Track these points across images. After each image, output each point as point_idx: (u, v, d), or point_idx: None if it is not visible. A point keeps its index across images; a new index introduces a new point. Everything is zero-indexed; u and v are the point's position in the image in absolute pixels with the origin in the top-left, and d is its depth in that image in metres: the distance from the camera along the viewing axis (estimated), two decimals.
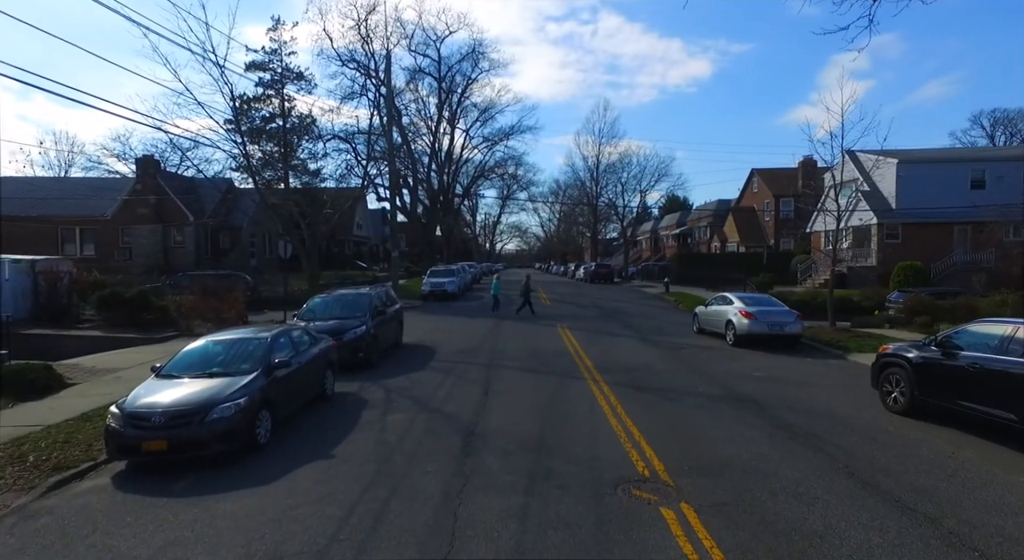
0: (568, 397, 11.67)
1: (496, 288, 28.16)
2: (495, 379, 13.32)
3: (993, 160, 36.96)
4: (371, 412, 10.52)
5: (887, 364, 10.75)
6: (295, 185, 45.70)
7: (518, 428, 9.47)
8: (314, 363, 10.84)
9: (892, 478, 7.38)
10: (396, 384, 12.74)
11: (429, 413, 10.46)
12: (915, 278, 30.59)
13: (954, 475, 7.51)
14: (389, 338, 16.94)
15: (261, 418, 8.41)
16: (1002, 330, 8.78)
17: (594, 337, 19.91)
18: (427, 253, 51.41)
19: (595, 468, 7.68)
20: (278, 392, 9.06)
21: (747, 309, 17.89)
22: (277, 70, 45.91)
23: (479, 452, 8.29)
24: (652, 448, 8.44)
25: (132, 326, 19.08)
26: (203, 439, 7.57)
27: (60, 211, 34.39)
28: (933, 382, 9.69)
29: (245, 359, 9.10)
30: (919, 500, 6.71)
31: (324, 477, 7.36)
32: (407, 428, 9.50)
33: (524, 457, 8.09)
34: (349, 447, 8.56)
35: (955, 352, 9.31)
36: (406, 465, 7.79)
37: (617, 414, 10.24)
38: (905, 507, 6.54)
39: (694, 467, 7.71)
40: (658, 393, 11.81)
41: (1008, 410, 8.25)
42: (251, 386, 8.43)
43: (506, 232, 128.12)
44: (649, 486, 7.11)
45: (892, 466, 7.82)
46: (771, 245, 51.99)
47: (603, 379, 13.09)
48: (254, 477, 7.37)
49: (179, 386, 8.32)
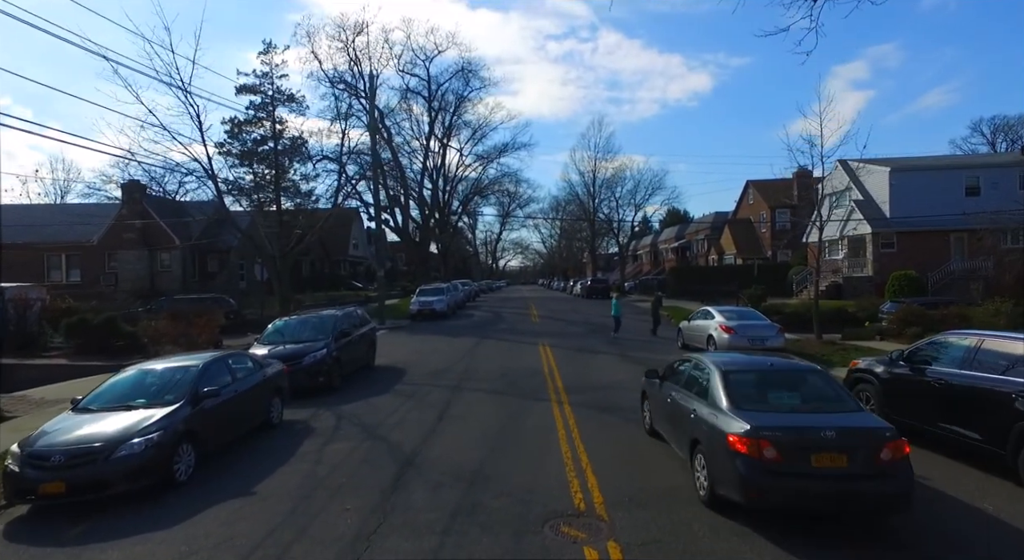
0: (526, 421, 11.16)
1: (616, 309, 25.81)
2: (456, 402, 12.83)
3: (987, 167, 36.53)
4: (314, 441, 10.03)
5: (857, 380, 10.24)
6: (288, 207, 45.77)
7: (461, 456, 8.96)
8: (257, 390, 10.38)
9: None
10: (351, 410, 12.26)
11: (373, 442, 9.97)
12: (910, 287, 29.97)
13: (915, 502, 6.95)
14: (358, 360, 16.48)
15: (181, 453, 7.94)
16: (967, 343, 8.27)
17: (574, 355, 19.39)
18: (421, 271, 51.01)
19: (528, 501, 7.17)
20: (206, 424, 8.60)
21: (727, 323, 17.38)
22: (268, 93, 46.31)
23: (409, 485, 7.79)
24: (596, 477, 7.92)
25: (100, 353, 18.67)
26: (107, 479, 7.09)
27: (46, 237, 34.23)
28: (901, 399, 9.16)
29: (171, 389, 8.65)
30: (870, 538, 6.17)
31: (233, 518, 6.87)
32: (344, 459, 9.00)
33: (456, 490, 7.58)
34: (275, 482, 8.07)
35: (922, 367, 8.79)
36: (326, 501, 7.29)
37: (571, 439, 9.73)
38: (855, 543, 6.01)
39: (635, 497, 7.18)
40: (621, 415, 11.27)
41: (973, 429, 7.71)
42: (171, 419, 7.97)
43: (509, 249, 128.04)
44: (580, 521, 6.60)
45: None
46: (768, 257, 51.43)
47: (568, 400, 12.57)
48: (159, 520, 6.87)
49: (92, 421, 7.86)
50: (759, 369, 7.91)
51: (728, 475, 6.39)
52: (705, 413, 7.20)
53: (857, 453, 6.16)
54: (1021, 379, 7.20)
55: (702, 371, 7.96)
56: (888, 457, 6.13)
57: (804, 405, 7.05)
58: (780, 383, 7.53)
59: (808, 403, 7.07)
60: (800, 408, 7.01)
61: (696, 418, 7.37)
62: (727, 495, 6.49)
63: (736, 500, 6.35)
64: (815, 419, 6.58)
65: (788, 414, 6.84)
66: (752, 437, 6.24)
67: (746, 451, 6.22)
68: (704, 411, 7.25)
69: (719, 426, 6.72)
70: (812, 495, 6.07)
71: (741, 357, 9.11)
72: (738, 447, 6.29)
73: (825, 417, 6.60)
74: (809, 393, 7.25)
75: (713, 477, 6.71)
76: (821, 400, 7.07)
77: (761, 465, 6.14)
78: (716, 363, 7.80)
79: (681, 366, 8.93)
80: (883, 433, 6.29)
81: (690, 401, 7.77)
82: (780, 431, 6.27)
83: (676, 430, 8.28)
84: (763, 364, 8.16)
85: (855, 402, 7.21)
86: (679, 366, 9.03)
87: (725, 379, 7.31)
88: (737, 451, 6.28)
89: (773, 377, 7.70)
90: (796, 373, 7.77)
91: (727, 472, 6.40)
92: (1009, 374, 7.37)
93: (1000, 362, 7.61)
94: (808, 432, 6.28)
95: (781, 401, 7.14)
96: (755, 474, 6.14)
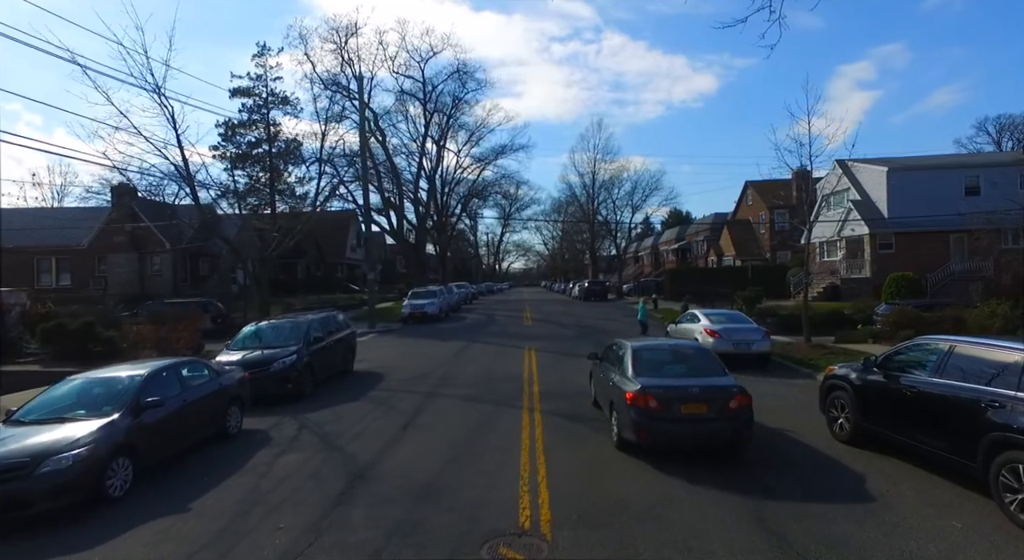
0: (492, 429, 10.80)
1: (643, 314, 25.37)
2: (426, 410, 12.48)
3: (987, 166, 35.84)
4: (267, 452, 9.69)
5: (832, 387, 9.82)
6: (282, 209, 45.50)
7: (416, 469, 8.61)
8: (211, 399, 10.04)
9: (806, 524, 6.46)
10: (316, 418, 11.92)
11: (329, 452, 9.63)
12: (908, 289, 29.42)
13: (880, 519, 6.58)
14: (334, 366, 16.15)
15: (116, 468, 7.59)
16: (940, 348, 7.84)
17: (559, 359, 18.99)
18: (417, 273, 50.67)
19: (474, 518, 6.81)
20: (146, 436, 8.27)
21: (712, 327, 16.97)
22: (262, 96, 46.12)
23: (353, 500, 7.44)
24: (550, 491, 7.55)
25: (77, 359, 18.38)
26: (27, 497, 6.72)
27: (37, 241, 34.08)
28: (875, 408, 8.74)
29: (110, 400, 8.32)
30: (826, 554, 5.80)
31: (159, 538, 6.52)
32: (293, 472, 8.64)
33: (401, 506, 7.23)
34: (214, 497, 7.72)
35: (895, 374, 8.38)
36: (261, 519, 6.93)
37: (534, 449, 9.37)
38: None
39: (584, 515, 6.81)
40: (591, 423, 10.88)
41: (942, 439, 7.30)
42: (105, 431, 7.64)
43: (512, 251, 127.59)
44: (522, 542, 6.24)
45: (813, 509, 6.90)
46: (767, 258, 50.90)
47: (541, 407, 12.21)
48: (77, 542, 6.48)
49: (22, 436, 7.50)
50: (661, 349, 10.46)
51: (626, 422, 8.72)
52: (618, 380, 9.52)
53: (714, 403, 8.48)
54: (991, 387, 6.79)
55: (622, 351, 10.14)
56: (735, 405, 8.47)
57: (686, 373, 9.31)
58: (674, 359, 9.92)
59: (690, 372, 9.34)
60: (682, 375, 9.25)
61: (613, 385, 9.67)
62: (626, 437, 8.77)
63: (631, 439, 8.66)
64: (688, 381, 8.94)
65: (671, 378, 9.10)
66: (641, 393, 8.59)
67: (637, 403, 8.54)
68: (617, 379, 9.57)
69: (623, 387, 9.08)
70: (682, 434, 8.49)
71: (653, 341, 11.77)
72: (632, 401, 8.61)
73: (696, 380, 8.97)
74: (693, 365, 9.61)
75: (619, 425, 9.03)
76: (699, 370, 9.38)
77: (647, 413, 8.46)
78: (632, 345, 10.08)
79: (612, 348, 10.99)
80: (732, 389, 8.63)
81: (612, 373, 10.02)
82: (661, 389, 8.65)
83: (603, 395, 10.68)
84: (664, 345, 10.93)
85: (722, 370, 9.45)
86: (611, 348, 11.09)
87: (634, 356, 9.67)
88: (631, 404, 8.60)
89: (669, 354, 10.13)
90: (686, 351, 10.35)
91: (625, 420, 8.72)
92: (980, 382, 6.96)
93: (972, 369, 7.19)
94: (680, 389, 8.68)
95: (671, 371, 9.44)
96: (643, 419, 8.47)
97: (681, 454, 8.64)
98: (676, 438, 8.44)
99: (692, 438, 8.49)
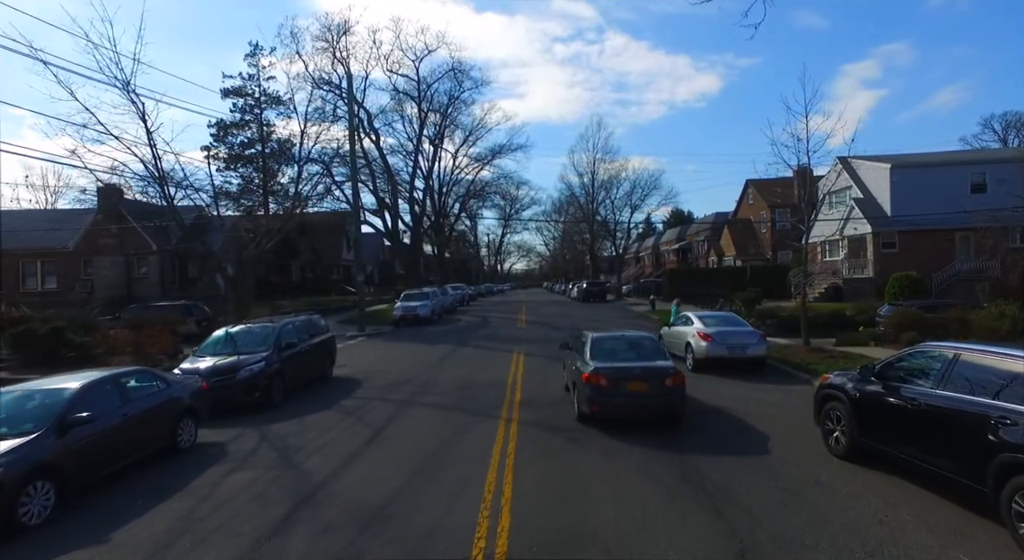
0: (463, 442, 10.07)
1: (675, 315, 24.12)
2: (398, 420, 11.77)
3: (993, 162, 34.85)
4: (217, 470, 8.98)
5: (827, 397, 9.05)
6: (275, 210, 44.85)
7: (371, 490, 7.89)
8: (159, 412, 9.36)
9: (791, 558, 5.72)
10: (280, 430, 11.21)
11: (283, 470, 8.91)
12: (911, 289, 28.58)
13: (874, 552, 5.82)
14: (310, 372, 15.45)
15: (32, 492, 6.88)
16: (945, 356, 7.09)
17: (547, 364, 18.21)
18: (412, 275, 49.98)
19: (424, 548, 6.12)
20: (75, 456, 7.56)
21: (706, 330, 16.19)
22: (255, 96, 45.49)
23: (293, 528, 6.72)
24: (512, 515, 6.83)
25: (47, 365, 17.71)
26: None
27: (23, 244, 33.46)
28: (873, 421, 7.99)
29: (35, 416, 7.63)
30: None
31: None
32: (238, 493, 7.94)
33: (344, 534, 6.50)
34: (141, 525, 7.00)
35: (896, 385, 7.62)
36: (185, 552, 6.22)
37: (504, 466, 8.65)
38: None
39: (546, 544, 6.09)
40: (568, 435, 10.16)
41: (947, 458, 6.54)
42: (20, 452, 6.94)
43: (514, 252, 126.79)
44: None
45: (801, 537, 6.16)
46: (767, 258, 50.05)
47: (519, 418, 11.48)
48: None
49: None
50: (616, 338, 12.12)
51: (582, 397, 10.55)
52: (579, 364, 11.19)
53: (653, 381, 10.27)
54: (1001, 401, 6.04)
55: (584, 339, 12.01)
56: (671, 383, 10.23)
57: (635, 357, 11.08)
58: (626, 346, 11.63)
59: (639, 357, 11.10)
60: (631, 359, 11.00)
61: (575, 368, 11.42)
62: (583, 410, 10.56)
63: (587, 412, 10.46)
64: (634, 363, 10.74)
65: (620, 362, 10.81)
66: (594, 373, 10.37)
67: (591, 382, 10.32)
68: (579, 363, 11.28)
69: (581, 369, 10.84)
70: (627, 407, 10.25)
71: (611, 333, 12.86)
72: (587, 380, 10.40)
73: (641, 362, 10.79)
74: (642, 351, 11.40)
75: (578, 400, 10.83)
76: (647, 355, 11.21)
77: (598, 389, 10.25)
78: (592, 335, 12.03)
79: (579, 338, 12.63)
80: (669, 369, 10.45)
81: (575, 359, 11.77)
82: (610, 369, 10.41)
83: (569, 378, 12.34)
84: (619, 335, 12.43)
85: (665, 355, 11.37)
86: (577, 338, 12.81)
87: (592, 343, 11.51)
88: (586, 382, 10.40)
89: (622, 343, 11.82)
90: (638, 340, 12.04)
91: (582, 396, 10.57)
92: (988, 395, 6.20)
93: (979, 380, 6.44)
94: (626, 370, 10.46)
95: (623, 355, 11.16)
96: (595, 395, 10.26)
97: (659, 463, 7.90)
98: (623, 410, 10.20)
99: (636, 410, 10.25)
